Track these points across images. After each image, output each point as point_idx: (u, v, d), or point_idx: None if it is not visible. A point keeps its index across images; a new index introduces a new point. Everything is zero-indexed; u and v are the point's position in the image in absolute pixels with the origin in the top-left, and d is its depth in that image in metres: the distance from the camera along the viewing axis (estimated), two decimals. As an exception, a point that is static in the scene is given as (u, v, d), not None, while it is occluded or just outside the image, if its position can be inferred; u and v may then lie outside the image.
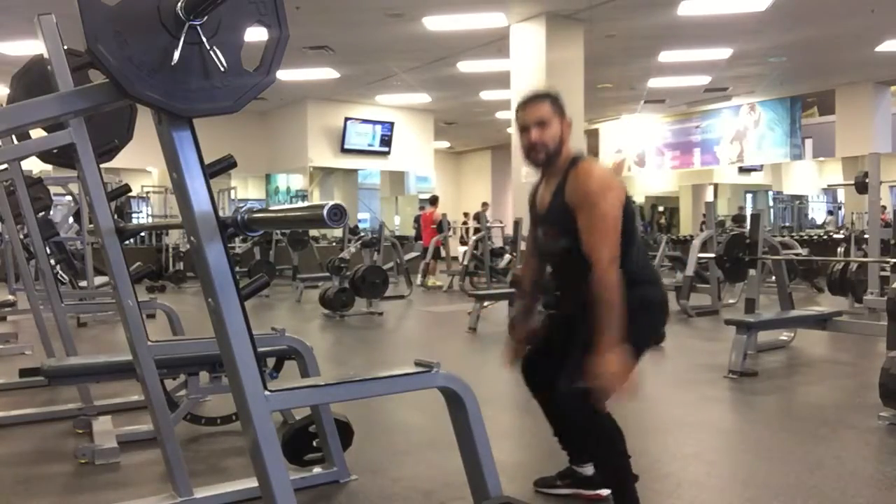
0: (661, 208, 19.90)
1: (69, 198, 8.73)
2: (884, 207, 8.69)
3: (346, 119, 15.29)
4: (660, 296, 2.38)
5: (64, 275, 7.85)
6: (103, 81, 1.47)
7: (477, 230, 11.87)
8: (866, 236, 8.36)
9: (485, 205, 14.43)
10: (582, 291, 2.18)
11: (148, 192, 15.51)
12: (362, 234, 11.19)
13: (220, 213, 1.58)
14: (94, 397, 3.66)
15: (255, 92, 1.52)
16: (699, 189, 18.46)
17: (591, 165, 2.29)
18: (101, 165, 2.61)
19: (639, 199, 19.33)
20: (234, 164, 1.81)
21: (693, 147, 16.87)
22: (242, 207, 1.62)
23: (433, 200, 13.76)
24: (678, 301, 7.65)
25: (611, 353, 2.07)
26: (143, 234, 14.77)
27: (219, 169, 1.70)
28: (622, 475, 2.26)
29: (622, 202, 2.22)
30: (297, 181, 17.03)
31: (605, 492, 2.46)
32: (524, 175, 9.68)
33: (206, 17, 1.43)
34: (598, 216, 2.17)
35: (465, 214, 17.25)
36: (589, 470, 2.53)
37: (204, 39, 1.44)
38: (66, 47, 2.34)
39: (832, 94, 14.53)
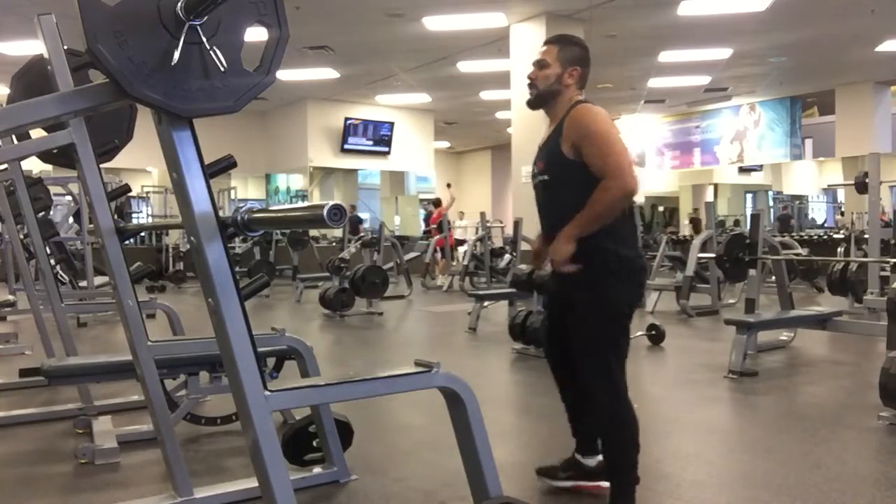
0: (661, 208, 19.89)
1: (69, 198, 8.73)
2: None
3: (346, 119, 15.30)
4: (642, 262, 2.45)
5: (64, 275, 7.85)
6: (103, 81, 1.47)
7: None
8: (866, 236, 8.36)
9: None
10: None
11: (148, 192, 15.51)
12: (362, 234, 11.19)
13: (220, 213, 1.58)
14: (94, 397, 3.66)
15: (255, 92, 1.52)
16: (699, 189, 18.46)
17: (590, 106, 2.33)
18: (101, 165, 2.61)
19: (639, 199, 19.29)
20: (234, 164, 1.81)
21: (693, 147, 16.87)
22: (242, 207, 1.62)
23: (436, 203, 13.91)
24: (678, 301, 7.65)
25: (567, 244, 2.23)
26: (143, 234, 14.76)
27: (219, 169, 1.70)
28: (628, 467, 2.28)
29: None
30: (297, 181, 17.03)
31: (606, 484, 2.46)
32: (524, 175, 9.69)
33: (206, 17, 1.43)
34: (605, 140, 2.23)
35: (461, 214, 17.27)
36: (592, 462, 2.53)
37: (204, 39, 1.44)
38: (66, 47, 2.34)
39: (832, 94, 14.54)
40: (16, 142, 3.21)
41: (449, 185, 14.00)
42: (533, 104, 2.46)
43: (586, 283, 2.30)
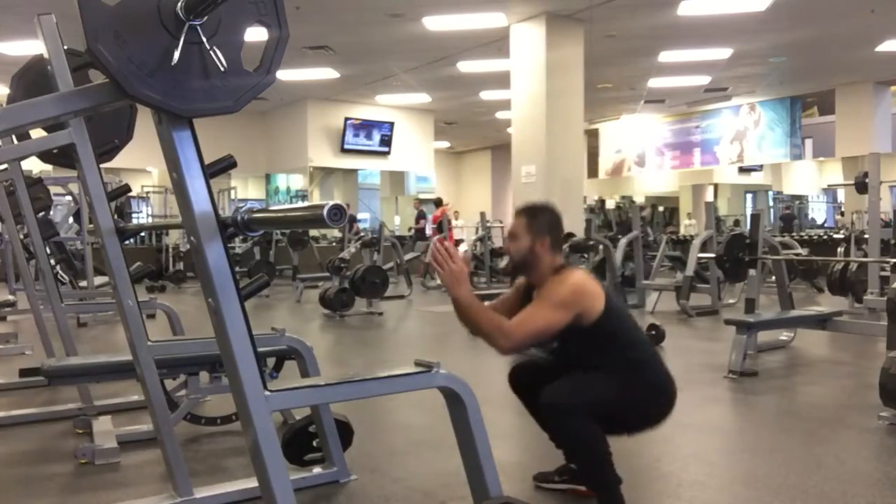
0: (661, 208, 19.89)
1: (69, 198, 8.73)
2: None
3: (346, 119, 15.30)
4: (661, 380, 2.42)
5: (64, 275, 7.85)
6: (103, 81, 1.47)
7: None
8: (866, 236, 8.35)
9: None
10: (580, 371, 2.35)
11: (148, 192, 15.50)
12: (362, 233, 11.19)
13: (220, 213, 1.58)
14: (94, 397, 3.65)
15: (255, 92, 1.52)
16: (699, 189, 18.47)
17: (569, 276, 2.37)
18: (101, 165, 2.61)
19: (639, 199, 19.33)
20: (234, 164, 1.81)
21: (693, 147, 16.87)
22: (242, 207, 1.62)
23: (437, 203, 13.94)
24: (678, 301, 7.65)
25: (451, 288, 2.25)
26: (143, 234, 14.76)
27: (219, 169, 1.70)
28: (604, 476, 2.28)
29: (595, 311, 2.30)
30: (297, 181, 17.03)
31: None
32: (524, 175, 9.69)
33: (206, 17, 1.43)
34: (542, 306, 2.31)
35: (456, 213, 17.26)
36: None
37: (204, 39, 1.44)
38: (66, 47, 2.34)
39: (832, 94, 14.54)
40: (16, 142, 3.20)
41: (439, 203, 14.07)
42: (511, 274, 2.55)
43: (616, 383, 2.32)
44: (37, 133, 2.57)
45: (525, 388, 2.58)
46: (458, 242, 14.06)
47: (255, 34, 1.52)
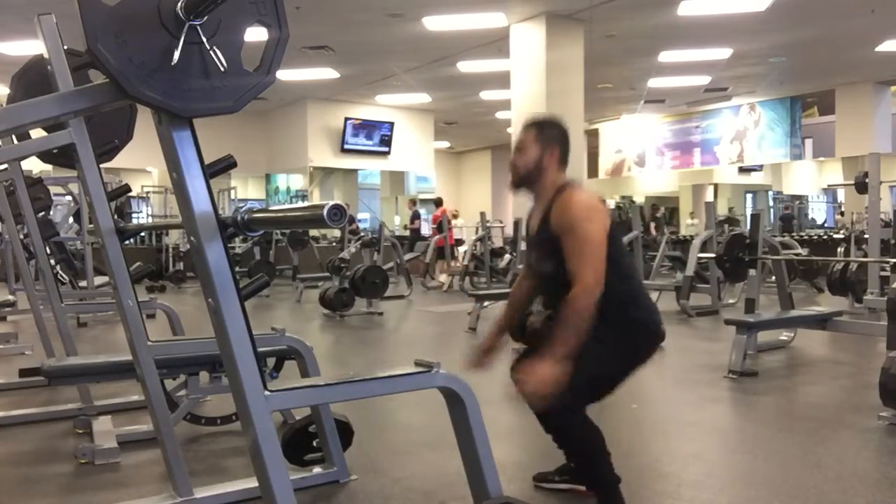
0: (661, 209, 19.89)
1: (69, 198, 8.73)
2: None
3: (346, 119, 15.30)
4: (649, 320, 2.41)
5: (64, 275, 7.85)
6: (103, 81, 1.47)
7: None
8: (866, 236, 8.36)
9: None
10: None
11: (148, 192, 15.50)
12: (362, 233, 11.19)
13: (220, 213, 1.58)
14: (94, 397, 3.66)
15: (255, 92, 1.52)
16: (699, 189, 18.46)
17: (576, 192, 2.32)
18: (101, 165, 2.61)
19: (639, 199, 19.33)
20: (234, 164, 1.80)
21: (693, 147, 16.87)
22: (242, 207, 1.62)
23: (438, 202, 14.02)
24: (678, 301, 7.65)
25: (552, 365, 2.09)
26: (143, 234, 14.76)
27: (219, 169, 1.69)
28: (603, 476, 2.28)
29: (606, 227, 2.26)
30: (297, 181, 17.03)
31: None
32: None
33: (206, 17, 1.43)
34: (582, 240, 2.21)
35: (455, 213, 17.25)
36: None
37: (204, 39, 1.44)
38: (66, 47, 2.34)
39: (832, 94, 14.53)
40: (16, 142, 3.20)
41: (439, 203, 14.16)
42: (515, 187, 2.48)
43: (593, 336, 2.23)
44: (37, 133, 2.57)
45: None
46: (458, 242, 14.07)
47: (255, 34, 1.52)
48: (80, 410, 3.59)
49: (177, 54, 1.41)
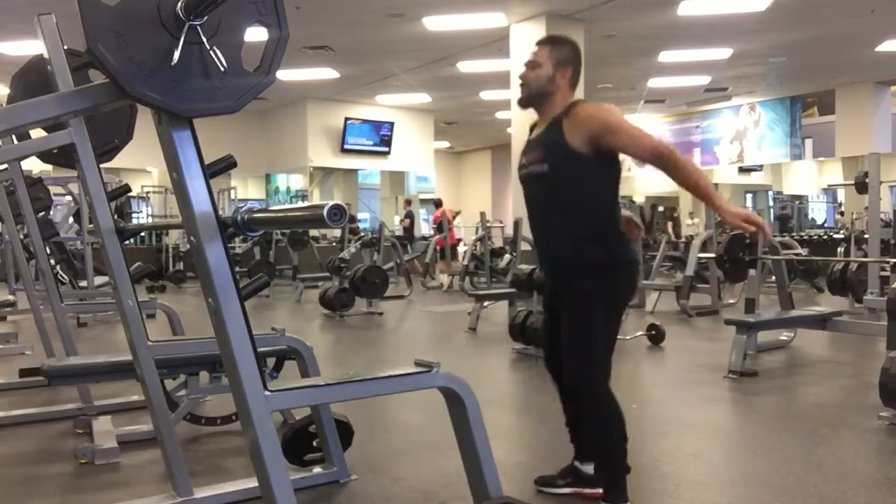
0: (661, 208, 19.87)
1: (69, 198, 8.73)
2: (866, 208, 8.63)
3: (346, 119, 15.30)
4: (634, 256, 2.48)
5: (64, 275, 7.85)
6: (103, 81, 1.47)
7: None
8: (866, 236, 8.35)
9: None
10: (563, 233, 2.34)
11: (148, 192, 15.50)
12: (362, 234, 11.18)
13: (220, 213, 1.58)
14: (94, 397, 3.66)
15: (255, 92, 1.52)
16: (699, 189, 18.42)
17: (597, 104, 2.37)
18: (101, 165, 2.61)
19: (639, 199, 19.32)
20: (234, 164, 1.81)
21: (693, 147, 16.87)
22: (242, 207, 1.62)
23: (437, 203, 14.06)
24: (678, 301, 7.65)
25: (730, 209, 2.13)
26: (143, 234, 14.76)
27: (219, 169, 1.70)
28: (617, 459, 2.31)
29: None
30: (297, 181, 17.03)
31: None
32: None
33: (206, 17, 1.43)
34: (631, 128, 2.26)
35: (455, 214, 17.26)
36: (591, 469, 2.53)
37: (204, 39, 1.44)
38: (66, 47, 2.34)
39: (832, 94, 14.53)
40: (16, 142, 3.21)
41: (439, 204, 14.26)
42: (524, 103, 2.47)
43: (580, 279, 2.32)
44: (37, 133, 2.57)
45: (557, 368, 2.52)
46: (459, 241, 14.09)
47: (255, 34, 1.52)
48: (80, 410, 3.59)
49: (177, 54, 1.41)
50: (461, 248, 13.19)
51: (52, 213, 7.79)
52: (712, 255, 7.12)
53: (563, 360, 2.37)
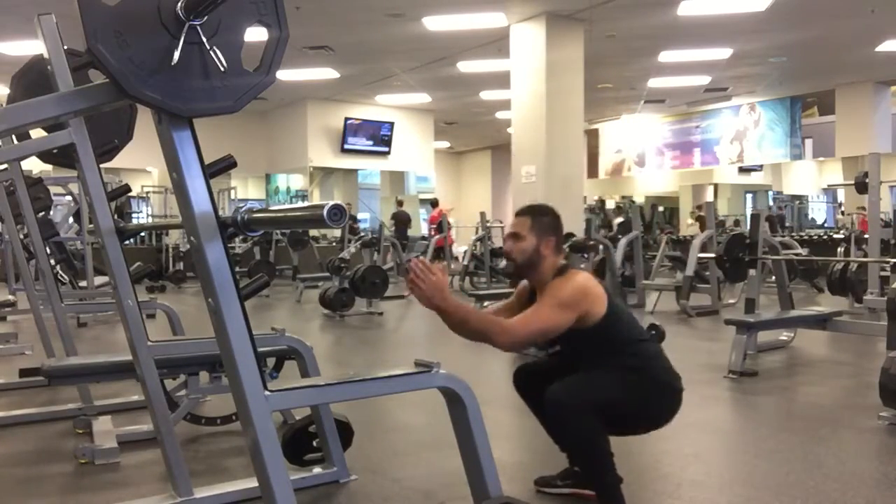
0: (661, 208, 19.89)
1: (69, 198, 8.73)
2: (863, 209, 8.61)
3: (346, 119, 15.30)
4: (666, 378, 2.42)
5: (64, 275, 7.85)
6: (103, 81, 1.47)
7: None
8: (866, 236, 8.35)
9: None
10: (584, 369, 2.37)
11: (148, 192, 15.50)
12: (362, 233, 11.18)
13: (220, 213, 1.57)
14: (94, 397, 3.66)
15: (255, 92, 1.52)
16: (699, 189, 18.46)
17: (574, 274, 2.39)
18: (101, 165, 2.61)
19: (639, 199, 19.33)
20: (234, 164, 1.80)
21: (693, 147, 16.87)
22: (242, 207, 1.62)
23: (434, 203, 14.08)
24: (678, 301, 7.65)
25: (443, 300, 2.22)
26: (143, 234, 14.76)
27: (219, 169, 1.69)
28: (605, 476, 2.28)
29: (595, 310, 2.31)
30: (297, 181, 17.03)
31: None
32: (524, 175, 9.69)
33: (206, 17, 1.43)
34: (548, 305, 2.29)
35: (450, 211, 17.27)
36: None
37: (204, 39, 1.44)
38: (66, 47, 2.34)
39: (832, 94, 14.53)
40: (16, 142, 3.20)
41: (436, 204, 14.32)
42: (514, 276, 2.53)
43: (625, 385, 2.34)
44: (37, 133, 2.57)
45: (529, 388, 2.57)
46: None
47: (255, 34, 1.52)
48: (80, 410, 3.59)
49: (177, 54, 1.41)
50: (457, 249, 13.18)
51: (52, 213, 7.80)
52: (712, 255, 7.12)
53: (552, 385, 2.32)
